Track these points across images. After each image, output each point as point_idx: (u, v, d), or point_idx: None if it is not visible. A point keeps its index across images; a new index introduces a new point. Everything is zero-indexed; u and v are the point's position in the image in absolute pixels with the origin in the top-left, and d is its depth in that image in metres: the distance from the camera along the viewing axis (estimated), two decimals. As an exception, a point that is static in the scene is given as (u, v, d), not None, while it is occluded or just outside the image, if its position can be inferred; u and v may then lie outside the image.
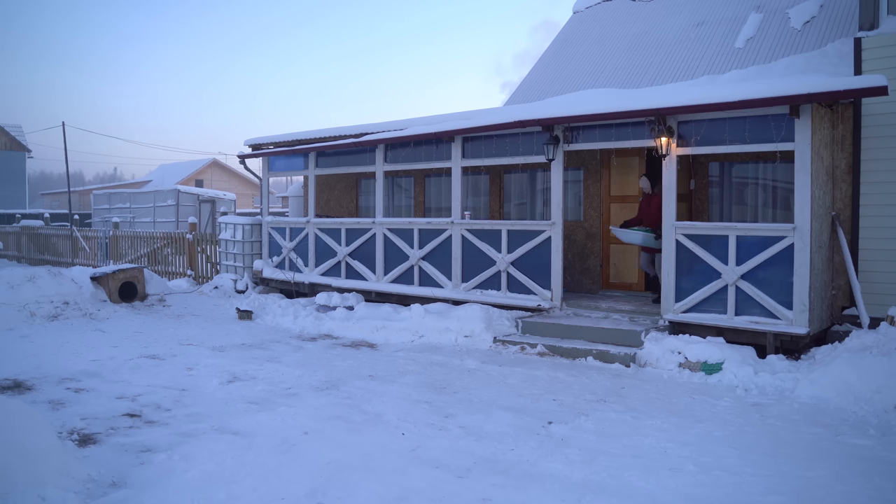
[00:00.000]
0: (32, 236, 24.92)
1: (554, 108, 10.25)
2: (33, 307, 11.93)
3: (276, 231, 14.76)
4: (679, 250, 9.16)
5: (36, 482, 4.56)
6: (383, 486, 4.84)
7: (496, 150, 11.09)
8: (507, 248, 10.88)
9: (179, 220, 26.56)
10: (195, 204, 27.63)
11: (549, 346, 9.28)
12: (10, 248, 25.91)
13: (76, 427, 6.16)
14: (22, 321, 11.48)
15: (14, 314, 11.58)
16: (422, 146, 12.04)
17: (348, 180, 15.89)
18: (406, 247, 12.19)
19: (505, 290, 10.89)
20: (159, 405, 6.91)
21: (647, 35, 18.39)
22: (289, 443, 5.74)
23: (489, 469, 5.17)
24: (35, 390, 7.46)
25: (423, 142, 11.97)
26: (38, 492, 4.48)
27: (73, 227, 22.90)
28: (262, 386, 7.66)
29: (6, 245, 25.75)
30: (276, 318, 12.26)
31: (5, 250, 25.42)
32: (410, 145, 12.21)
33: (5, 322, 11.26)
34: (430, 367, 8.68)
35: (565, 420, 6.37)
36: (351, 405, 6.88)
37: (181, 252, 17.56)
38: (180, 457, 5.38)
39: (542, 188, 12.89)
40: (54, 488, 4.58)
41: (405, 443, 5.75)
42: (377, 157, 12.69)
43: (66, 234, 22.86)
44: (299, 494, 4.70)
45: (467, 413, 6.60)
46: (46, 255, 23.52)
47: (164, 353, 9.47)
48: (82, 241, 21.74)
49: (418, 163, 12.21)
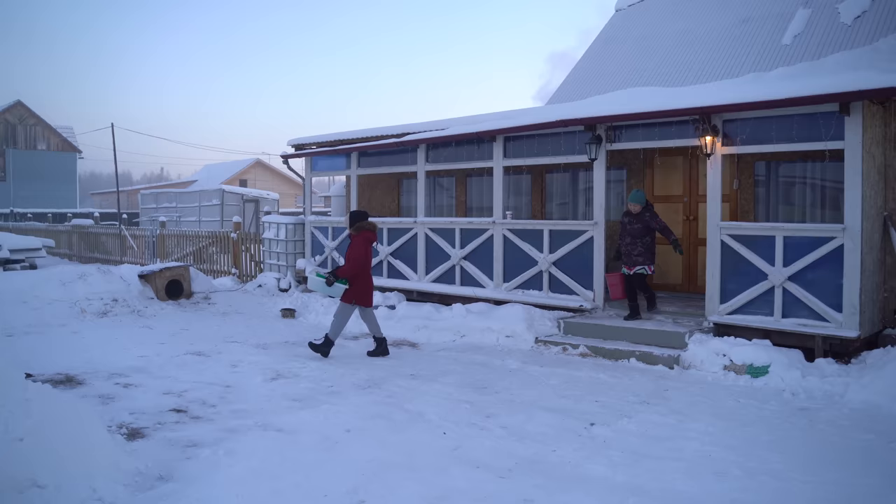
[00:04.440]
0: (83, 235, 25.55)
1: (596, 108, 10.18)
2: (84, 304, 12.22)
3: (319, 230, 14.90)
4: (724, 251, 9.02)
5: (87, 474, 4.67)
6: (425, 484, 4.86)
7: (538, 149, 11.04)
8: (548, 248, 10.83)
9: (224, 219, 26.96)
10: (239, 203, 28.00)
11: (592, 347, 9.22)
12: (62, 246, 26.58)
13: (125, 421, 6.29)
14: (73, 317, 11.76)
15: (66, 310, 11.88)
16: (463, 146, 12.05)
17: (390, 180, 15.97)
18: (447, 246, 12.21)
19: (546, 291, 10.84)
20: (204, 401, 7.02)
21: (691, 33, 18.15)
22: (331, 440, 5.80)
23: (531, 470, 5.16)
24: (86, 385, 7.65)
25: (464, 141, 11.97)
26: (89, 483, 4.59)
27: (122, 226, 23.42)
28: (304, 384, 7.74)
29: (58, 243, 26.41)
30: (319, 316, 12.38)
31: (57, 248, 26.07)
32: (452, 145, 12.22)
33: (58, 318, 11.55)
34: (471, 366, 8.69)
35: (608, 422, 6.32)
36: (393, 404, 6.91)
37: (226, 251, 17.82)
38: (225, 452, 5.46)
39: (585, 188, 12.80)
40: (105, 480, 4.69)
41: (446, 442, 5.77)
42: (419, 157, 12.73)
43: (115, 233, 23.37)
44: (342, 491, 4.74)
45: (509, 413, 6.59)
46: (96, 254, 24.08)
47: (209, 350, 9.62)
48: (130, 240, 22.20)
49: (460, 162, 12.22)
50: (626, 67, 17.96)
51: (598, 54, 20.00)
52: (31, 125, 53.85)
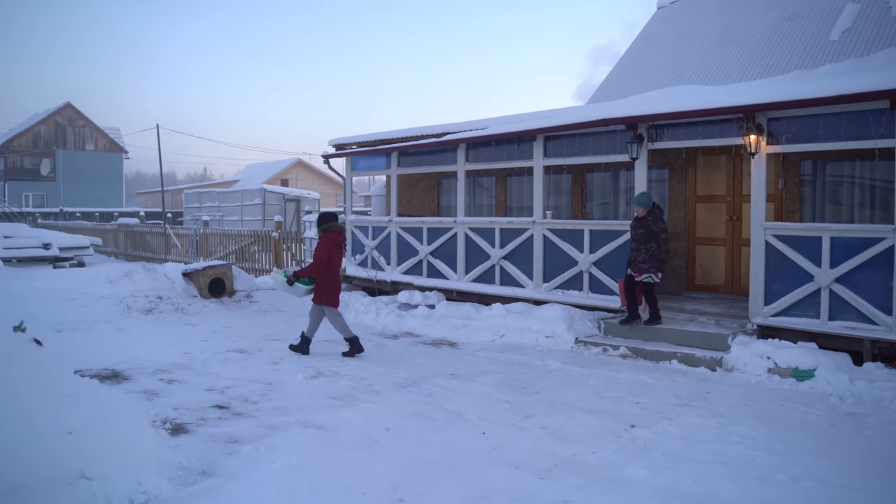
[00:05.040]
0: (129, 234, 26.09)
1: (637, 106, 10.08)
2: (129, 301, 12.45)
3: (359, 230, 14.99)
4: (768, 252, 8.86)
5: (133, 467, 4.76)
6: (464, 484, 4.86)
7: (578, 148, 10.96)
8: (589, 248, 10.75)
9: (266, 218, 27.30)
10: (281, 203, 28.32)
11: (632, 348, 9.14)
12: (109, 244, 27.17)
13: (169, 416, 6.40)
14: (119, 314, 11.99)
15: (112, 307, 12.12)
16: (503, 145, 12.01)
17: (430, 179, 16.00)
18: (487, 246, 12.20)
19: (587, 291, 10.77)
20: (246, 398, 7.11)
21: (734, 30, 17.88)
22: (371, 438, 5.83)
23: (570, 471, 5.13)
24: (131, 380, 7.80)
25: (504, 141, 11.94)
26: (135, 476, 4.68)
27: (166, 225, 23.84)
28: (344, 382, 7.80)
29: (105, 242, 27.01)
30: (359, 315, 12.45)
31: (104, 247, 26.66)
32: (492, 144, 12.20)
33: (104, 315, 11.80)
34: (510, 366, 8.67)
35: (648, 424, 6.26)
36: (432, 403, 6.93)
37: (267, 249, 18.04)
38: (266, 449, 5.52)
39: (626, 187, 12.68)
40: (149, 474, 4.77)
41: (486, 442, 5.76)
42: (458, 157, 12.73)
43: (160, 232, 23.81)
44: (381, 490, 4.76)
45: (548, 414, 6.56)
46: (141, 252, 24.56)
47: (250, 347, 9.74)
48: (174, 239, 22.59)
49: (500, 162, 12.19)
50: (668, 66, 17.76)
51: (639, 53, 19.81)
52: (79, 126, 55.13)
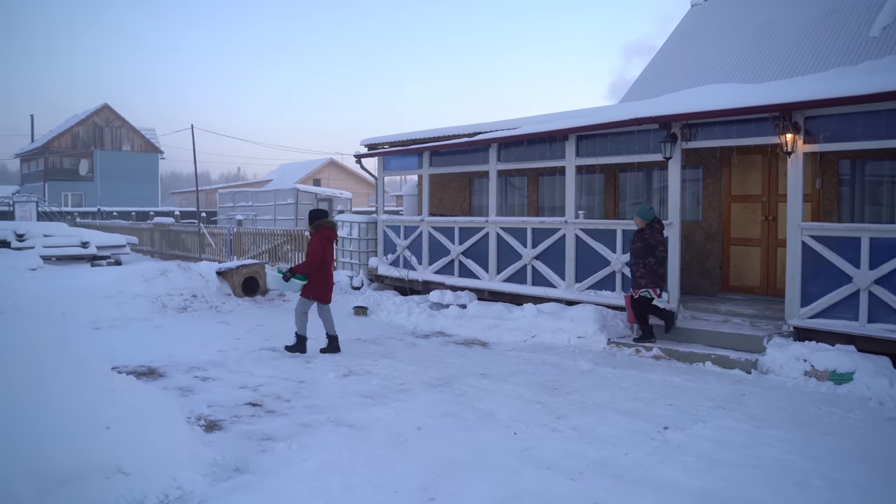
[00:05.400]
0: (164, 232, 26.44)
1: (671, 105, 9.97)
2: (165, 299, 12.63)
3: (391, 229, 15.04)
4: (805, 253, 8.72)
5: (168, 463, 4.83)
6: (494, 484, 4.86)
7: (611, 148, 10.88)
8: (621, 249, 10.66)
9: (298, 217, 27.46)
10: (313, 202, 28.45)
11: (665, 349, 9.05)
12: (145, 243, 27.58)
13: (203, 413, 6.47)
14: (155, 312, 12.16)
15: (148, 305, 12.30)
16: (535, 145, 11.97)
17: (461, 179, 16.00)
18: (519, 246, 12.16)
19: (619, 291, 10.68)
20: (279, 396, 7.17)
21: (771, 27, 17.62)
22: (402, 437, 5.85)
23: (602, 473, 5.09)
24: (167, 377, 7.91)
25: (536, 140, 11.89)
26: (170, 472, 4.74)
27: (201, 225, 24.12)
28: (376, 381, 7.83)
29: (141, 241, 27.42)
30: (391, 314, 12.49)
31: (140, 245, 27.07)
32: (524, 144, 12.16)
33: (141, 312, 11.98)
34: (542, 367, 8.64)
35: (682, 426, 6.19)
36: (463, 403, 6.93)
37: (300, 249, 18.16)
38: (299, 446, 5.56)
39: (659, 187, 12.56)
40: (184, 470, 4.84)
41: (517, 442, 5.75)
42: (490, 157, 12.71)
43: (194, 231, 24.10)
44: (412, 488, 4.77)
45: (580, 415, 6.52)
46: (176, 251, 24.88)
47: (283, 345, 9.81)
48: (209, 238, 22.85)
49: (531, 162, 12.14)
50: (702, 64, 17.56)
51: (672, 51, 19.61)
52: (116, 127, 56.07)
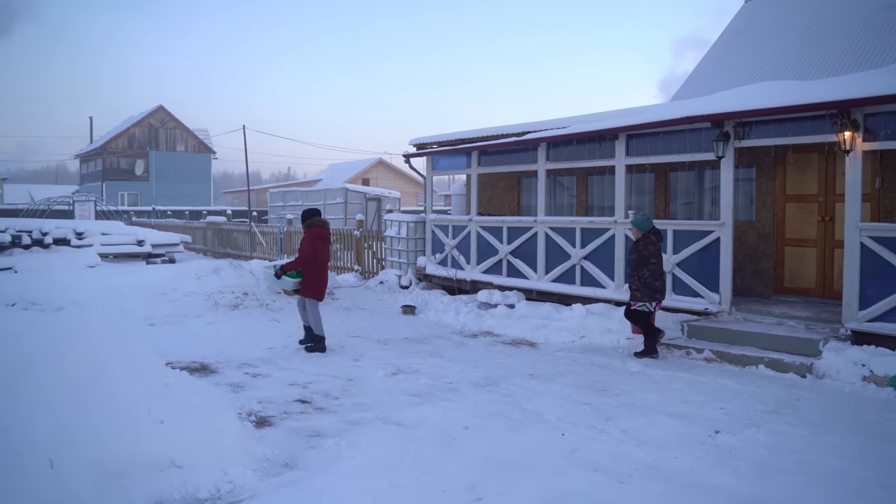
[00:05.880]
0: (216, 231, 26.95)
1: (724, 103, 9.80)
2: (217, 297, 12.86)
3: (439, 229, 15.07)
4: (864, 254, 8.48)
5: (219, 457, 4.93)
6: (541, 485, 4.84)
7: (662, 147, 10.74)
8: (672, 249, 10.52)
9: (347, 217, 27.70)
10: (362, 202, 28.67)
11: (717, 351, 8.89)
12: (198, 241, 28.14)
13: (254, 409, 6.58)
14: (207, 309, 12.39)
15: (201, 303, 12.54)
16: (584, 144, 11.88)
17: (510, 179, 15.96)
18: (568, 246, 12.08)
19: (670, 293, 10.53)
20: (328, 393, 7.25)
21: (826, 22, 17.17)
22: (450, 436, 5.86)
23: (652, 476, 5.03)
24: (218, 373, 8.06)
25: (585, 140, 11.80)
26: (221, 467, 4.84)
27: (252, 223, 24.50)
28: (424, 380, 7.86)
29: (194, 239, 27.98)
30: (439, 313, 12.53)
31: (193, 244, 27.62)
32: (573, 143, 12.08)
33: (193, 310, 12.22)
34: (591, 368, 8.57)
35: (733, 430, 6.08)
36: (511, 403, 6.91)
37: (349, 248, 18.32)
38: (347, 444, 5.62)
39: (711, 186, 12.35)
40: (235, 465, 4.93)
41: (564, 444, 5.71)
42: (539, 156, 12.65)
43: (246, 230, 24.49)
44: (459, 488, 4.78)
45: (629, 417, 6.45)
46: (228, 249, 25.33)
47: (332, 343, 9.91)
48: (260, 237, 23.20)
49: (581, 161, 12.06)
50: (755, 61, 17.20)
51: (725, 48, 19.25)
52: (171, 128, 57.32)
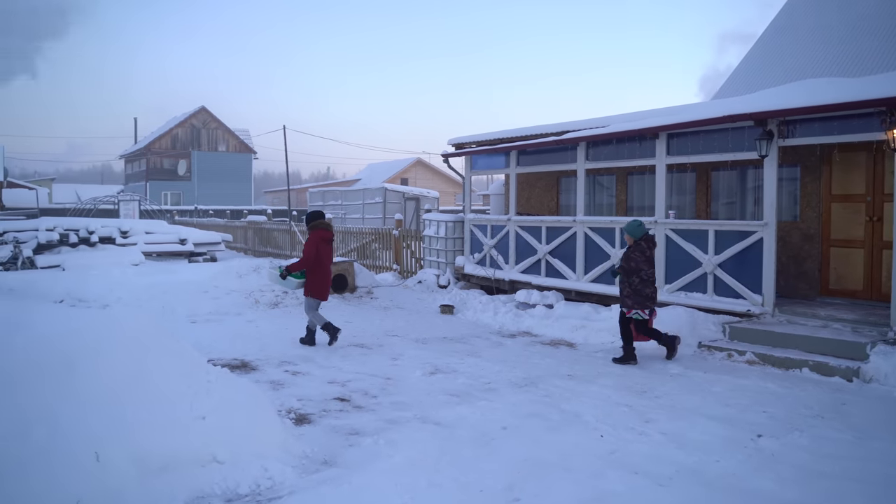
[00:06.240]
0: (257, 230, 27.28)
1: (767, 101, 9.63)
2: (257, 295, 13.01)
3: (478, 228, 15.07)
4: (913, 255, 8.29)
5: (260, 454, 5.00)
6: (580, 486, 4.81)
7: (703, 146, 10.60)
8: (713, 249, 10.38)
9: (386, 216, 27.82)
10: (401, 201, 28.78)
11: (760, 354, 8.75)
12: (238, 240, 28.50)
13: (293, 407, 6.65)
14: (248, 307, 12.55)
15: (242, 301, 12.71)
16: (624, 143, 11.78)
17: (549, 178, 15.89)
18: (607, 246, 11.99)
19: (711, 293, 10.40)
20: (366, 392, 7.30)
21: (874, 18, 16.76)
22: (488, 436, 5.85)
23: (692, 479, 4.97)
24: (259, 371, 8.16)
25: (625, 139, 11.70)
26: (261, 463, 4.91)
27: (292, 223, 24.74)
28: (462, 379, 7.87)
29: (235, 238, 28.35)
30: (477, 313, 12.52)
31: (234, 243, 27.98)
32: (612, 142, 11.98)
33: (234, 307, 12.39)
34: (630, 369, 8.49)
35: (776, 434, 5.98)
36: (549, 403, 6.89)
37: (387, 247, 18.41)
38: (385, 442, 5.64)
39: (754, 186, 12.16)
40: (275, 461, 5.00)
41: (603, 445, 5.67)
42: (578, 155, 12.58)
43: (286, 229, 24.74)
44: (497, 488, 4.77)
45: (669, 419, 6.38)
46: (269, 248, 25.61)
47: (371, 342, 9.98)
48: (299, 235, 23.41)
49: (620, 160, 11.96)
50: (800, 58, 16.86)
51: (769, 44, 18.92)
52: (212, 129, 58.19)
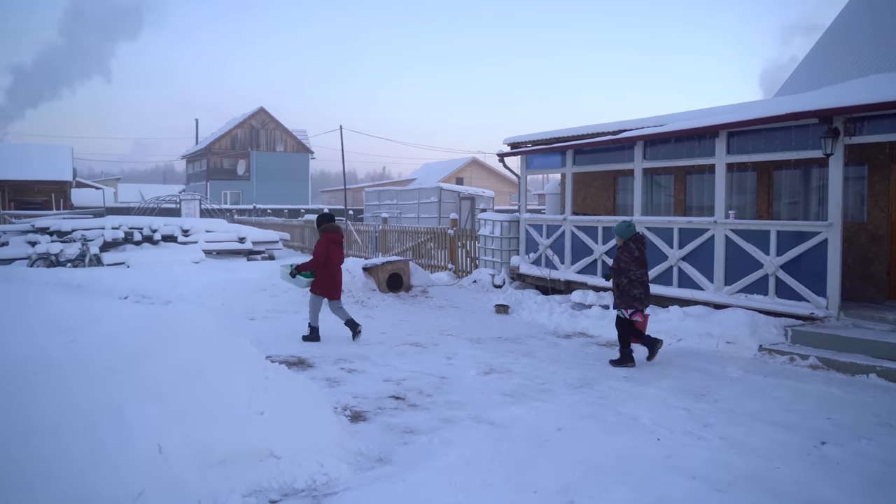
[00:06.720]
0: (314, 229, 27.58)
1: (832, 98, 9.36)
2: (314, 293, 13.17)
3: (533, 228, 15.00)
4: None
5: (316, 450, 5.07)
6: (636, 490, 4.75)
7: (765, 145, 10.36)
8: (775, 251, 10.13)
9: (441, 216, 27.93)
10: (456, 201, 28.85)
11: (823, 358, 8.51)
12: (296, 239, 28.92)
13: (349, 404, 6.73)
14: (304, 305, 12.59)
15: (298, 299, 12.82)
16: (683, 142, 11.58)
17: (605, 178, 15.73)
18: (664, 246, 11.81)
19: (772, 296, 10.15)
20: (421, 390, 7.33)
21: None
22: (542, 437, 5.83)
23: (752, 486, 4.86)
24: (315, 368, 8.27)
25: (684, 138, 11.51)
26: (317, 459, 4.98)
27: (348, 222, 24.99)
28: (517, 379, 7.85)
29: (292, 237, 28.77)
30: (532, 313, 12.47)
31: (291, 241, 28.41)
32: (671, 141, 11.80)
33: (291, 306, 12.56)
34: (688, 372, 8.35)
35: (841, 441, 5.81)
36: (605, 405, 6.82)
37: (442, 246, 18.47)
38: (440, 441, 5.67)
39: (818, 186, 11.83)
40: (331, 458, 5.06)
41: (660, 449, 5.59)
42: (636, 154, 12.42)
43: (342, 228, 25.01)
44: (551, 490, 4.75)
45: (728, 424, 6.26)
46: (325, 247, 25.90)
47: (425, 341, 10.03)
48: (355, 235, 23.65)
49: (679, 159, 11.76)
50: (865, 56, 16.35)
51: (834, 40, 18.40)
52: (271, 129, 59.16)
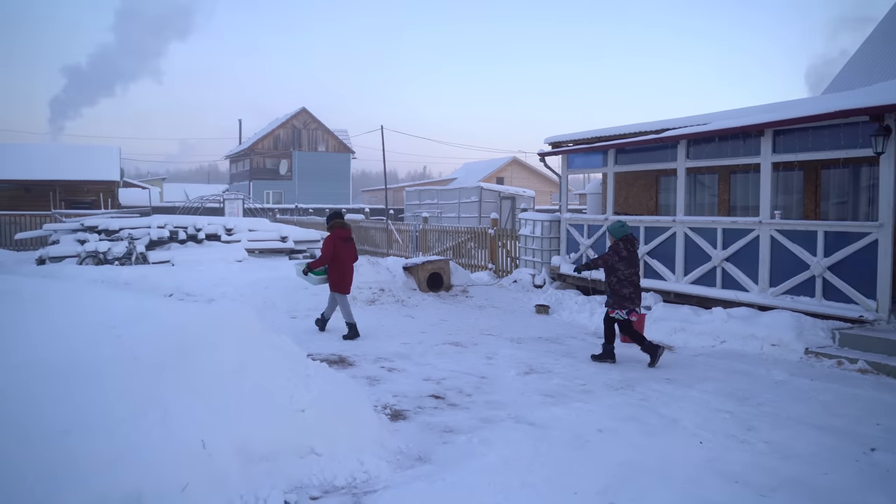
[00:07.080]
0: (355, 229, 27.79)
1: (884, 94, 9.13)
2: (355, 292, 13.20)
3: (574, 228, 14.91)
4: None
5: (356, 447, 5.11)
6: (677, 493, 4.70)
7: (812, 143, 10.14)
8: (823, 251, 9.92)
9: (482, 215, 27.89)
10: (496, 200, 28.80)
11: (873, 362, 8.31)
12: (337, 238, 29.14)
13: (389, 403, 6.76)
14: (345, 305, 12.81)
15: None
16: (727, 141, 11.40)
17: (647, 177, 15.57)
18: (708, 247, 11.65)
19: (819, 298, 9.94)
20: (461, 390, 7.34)
21: None
22: (582, 438, 5.79)
23: (797, 492, 4.77)
24: (356, 366, 8.33)
25: (728, 136, 11.33)
26: (357, 456, 5.01)
27: (388, 221, 25.12)
28: (557, 380, 7.81)
29: (334, 236, 28.98)
30: (572, 314, 12.40)
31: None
32: (714, 140, 11.62)
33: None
34: (731, 374, 8.23)
35: (892, 449, 5.66)
36: (646, 407, 6.75)
37: (483, 246, 18.45)
38: (479, 441, 5.65)
39: (867, 185, 11.55)
40: (371, 456, 5.09)
41: (702, 452, 5.52)
42: (678, 154, 12.26)
43: (382, 227, 25.14)
44: (592, 491, 4.71)
45: (772, 428, 6.15)
46: (365, 246, 26.08)
47: (465, 341, 10.03)
48: (396, 234, 23.75)
49: (723, 159, 11.58)
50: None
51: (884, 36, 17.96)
52: (312, 129, 59.74)
